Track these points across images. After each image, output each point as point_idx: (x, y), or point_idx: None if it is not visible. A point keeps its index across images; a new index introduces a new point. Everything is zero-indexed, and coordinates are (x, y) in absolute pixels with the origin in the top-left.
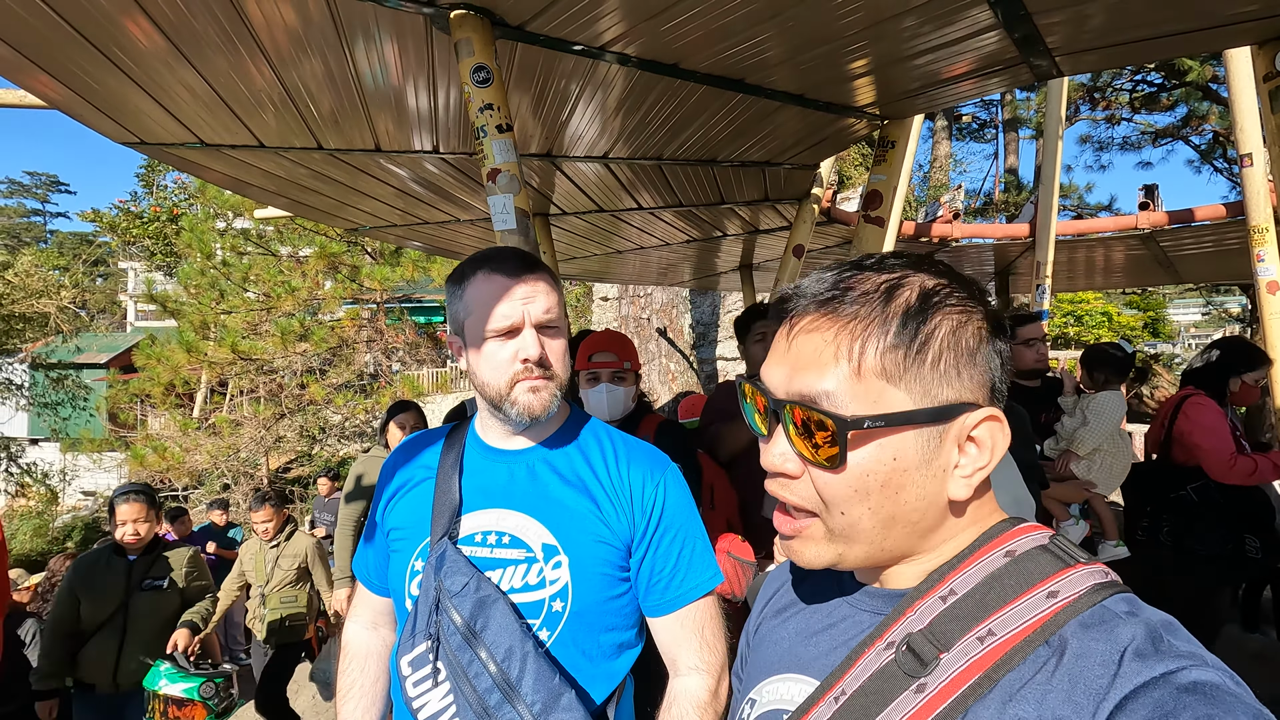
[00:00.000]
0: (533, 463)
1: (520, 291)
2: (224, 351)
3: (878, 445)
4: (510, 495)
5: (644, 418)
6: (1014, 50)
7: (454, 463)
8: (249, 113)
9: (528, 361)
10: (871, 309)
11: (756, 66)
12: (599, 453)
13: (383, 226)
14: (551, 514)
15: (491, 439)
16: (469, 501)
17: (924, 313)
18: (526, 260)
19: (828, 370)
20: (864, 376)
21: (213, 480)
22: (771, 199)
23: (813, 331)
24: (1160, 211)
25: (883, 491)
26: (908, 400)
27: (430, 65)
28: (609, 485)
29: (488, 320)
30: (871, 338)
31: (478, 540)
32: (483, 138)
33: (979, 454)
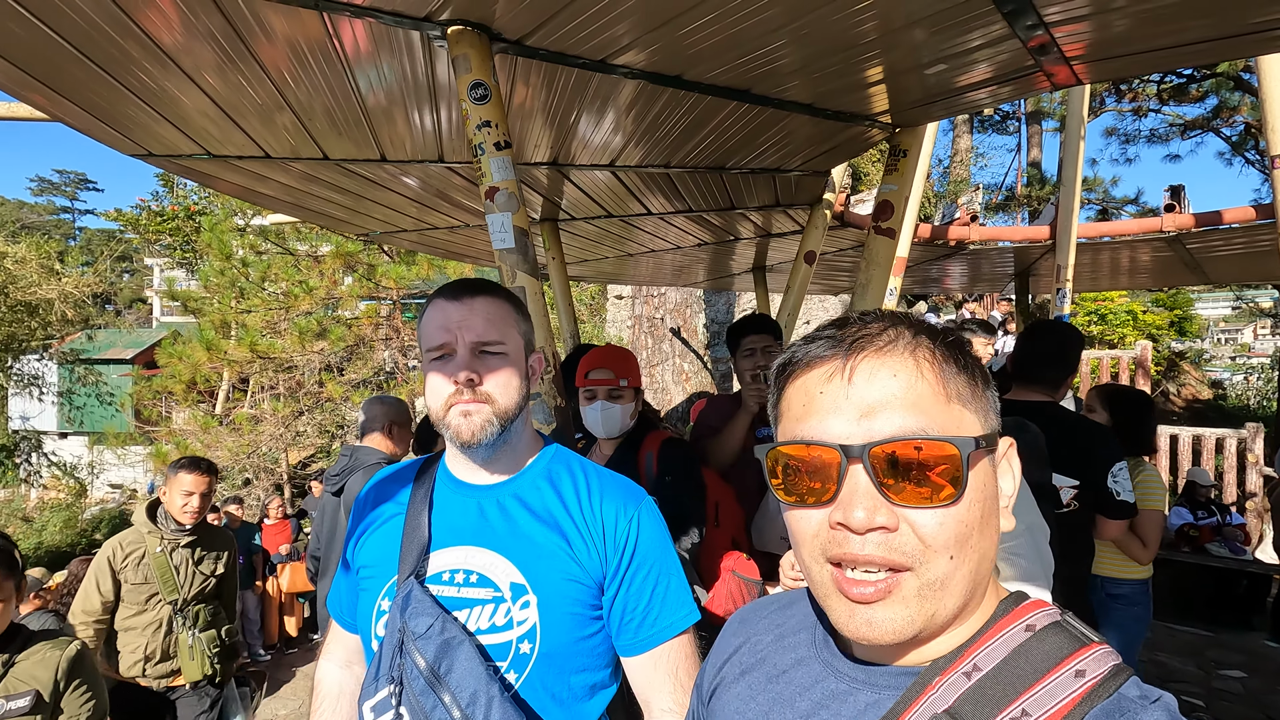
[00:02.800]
0: (503, 498)
1: (456, 313)
2: (243, 350)
3: (977, 471)
4: (479, 532)
5: (647, 434)
6: (1029, 59)
7: (424, 498)
8: (253, 125)
9: (457, 382)
10: (927, 339)
11: (765, 76)
12: (571, 486)
13: (394, 232)
14: (520, 552)
15: (461, 473)
16: (438, 538)
17: (963, 343)
18: (474, 285)
19: (913, 401)
20: (950, 401)
21: (234, 476)
22: (783, 204)
23: (876, 368)
24: (1186, 214)
25: (982, 526)
26: (978, 424)
27: (430, 79)
28: (580, 520)
29: (427, 340)
30: (943, 363)
31: (445, 579)
32: (480, 155)
33: (1009, 482)
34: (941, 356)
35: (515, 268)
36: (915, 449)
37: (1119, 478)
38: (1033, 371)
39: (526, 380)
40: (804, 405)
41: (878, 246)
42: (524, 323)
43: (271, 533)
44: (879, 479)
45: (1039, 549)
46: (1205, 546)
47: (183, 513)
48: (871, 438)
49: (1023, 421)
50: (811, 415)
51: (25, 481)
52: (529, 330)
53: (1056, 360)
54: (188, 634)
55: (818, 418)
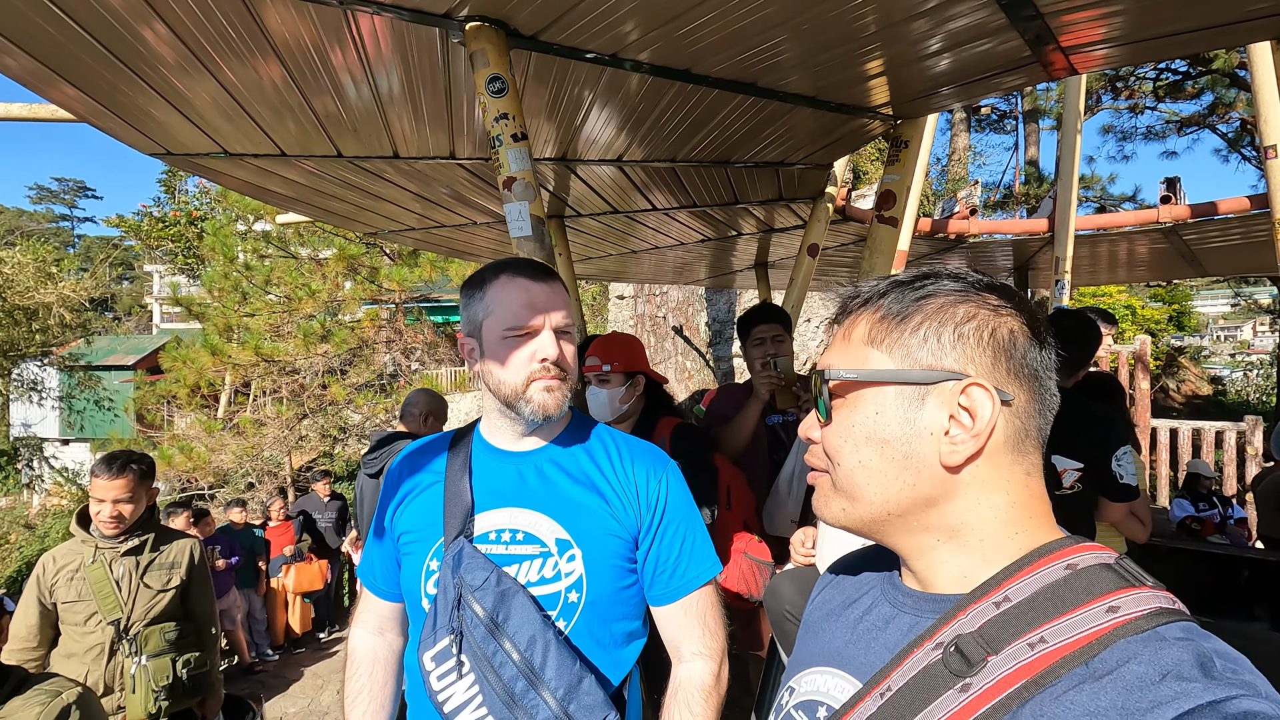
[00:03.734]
0: (541, 463)
1: (542, 295)
2: (247, 354)
3: (859, 398)
4: (521, 494)
5: (660, 419)
6: (1027, 50)
7: (462, 466)
8: (269, 122)
9: (545, 361)
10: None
11: (769, 69)
12: (604, 452)
13: (400, 230)
14: (563, 510)
15: (499, 441)
16: (480, 502)
17: (918, 287)
18: (546, 269)
19: (837, 345)
20: (852, 342)
21: (237, 479)
22: (786, 198)
23: (848, 322)
24: (1182, 204)
25: (869, 444)
26: (887, 362)
27: (446, 74)
28: (615, 481)
29: (509, 320)
30: (859, 313)
31: (492, 538)
32: (498, 147)
33: (970, 423)
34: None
35: (533, 255)
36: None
37: (1123, 461)
38: None
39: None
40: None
41: (880, 235)
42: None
43: (275, 534)
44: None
45: None
46: (1208, 540)
47: (101, 523)
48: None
49: None
50: None
51: (28, 487)
52: None
53: (1077, 340)
54: (132, 661)
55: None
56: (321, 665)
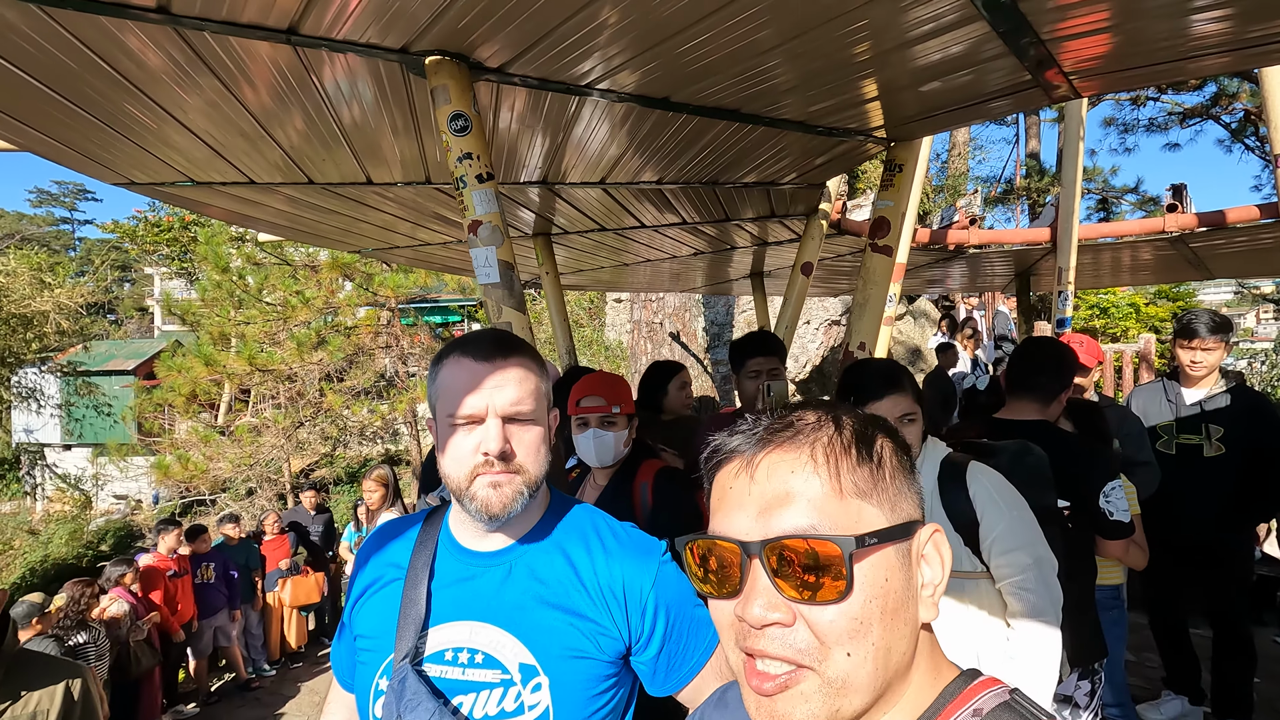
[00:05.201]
0: (510, 566)
1: (488, 378)
2: (241, 363)
3: (874, 567)
4: (484, 606)
5: (643, 462)
6: (1027, 75)
7: (425, 563)
8: (234, 153)
9: (488, 455)
10: (828, 432)
11: (756, 96)
12: (584, 550)
13: (386, 249)
14: (530, 628)
15: (465, 537)
16: (439, 611)
17: (871, 434)
18: (502, 344)
19: (808, 497)
20: (845, 496)
21: (237, 486)
22: (778, 215)
23: (776, 465)
24: (1189, 214)
25: (883, 621)
26: (881, 516)
27: (411, 107)
28: (596, 590)
29: (452, 406)
30: (840, 458)
31: (448, 658)
32: (463, 189)
33: (935, 570)
34: (840, 449)
35: (501, 303)
36: (804, 546)
37: (1111, 498)
38: (1028, 380)
39: (549, 443)
40: (718, 499)
41: (875, 265)
42: (546, 381)
43: (270, 548)
44: (774, 575)
45: (1047, 582)
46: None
47: None
48: (767, 534)
49: (1026, 445)
50: (720, 510)
51: (29, 494)
52: (549, 388)
53: (1052, 369)
54: None
55: (724, 513)
56: (319, 680)
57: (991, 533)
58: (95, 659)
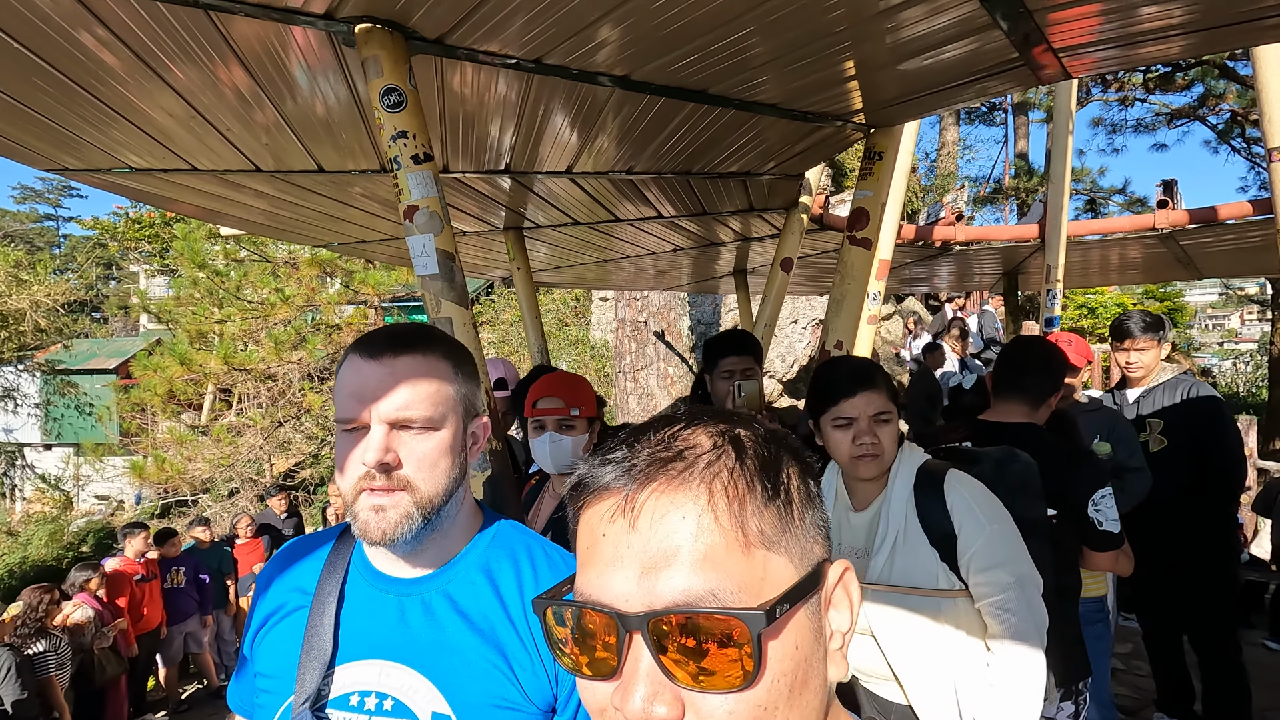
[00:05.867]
0: (430, 597)
1: (373, 377)
2: (217, 362)
3: (784, 638)
4: (398, 643)
5: None
6: (1014, 51)
7: (333, 589)
8: (169, 137)
9: (368, 467)
10: (727, 461)
11: (723, 75)
12: (515, 583)
13: (351, 243)
14: (447, 671)
15: (380, 561)
16: (346, 648)
17: (776, 458)
18: (399, 339)
19: (703, 553)
20: (749, 548)
21: (219, 487)
22: (757, 209)
23: (664, 507)
24: (1180, 210)
25: (791, 700)
26: (789, 567)
27: (350, 85)
28: (525, 630)
29: (339, 409)
30: (743, 497)
31: (353, 704)
32: (397, 170)
33: (844, 616)
34: (744, 486)
35: (440, 296)
36: (699, 623)
37: (1100, 506)
38: (1015, 381)
39: (464, 455)
40: (587, 548)
41: (853, 258)
42: (465, 383)
43: (243, 552)
44: (659, 656)
45: (1030, 603)
46: None
47: None
48: (652, 604)
49: (1012, 451)
50: (592, 564)
51: (7, 495)
52: (472, 391)
53: (1041, 369)
54: None
55: (598, 569)
56: None
57: (970, 548)
58: (55, 668)
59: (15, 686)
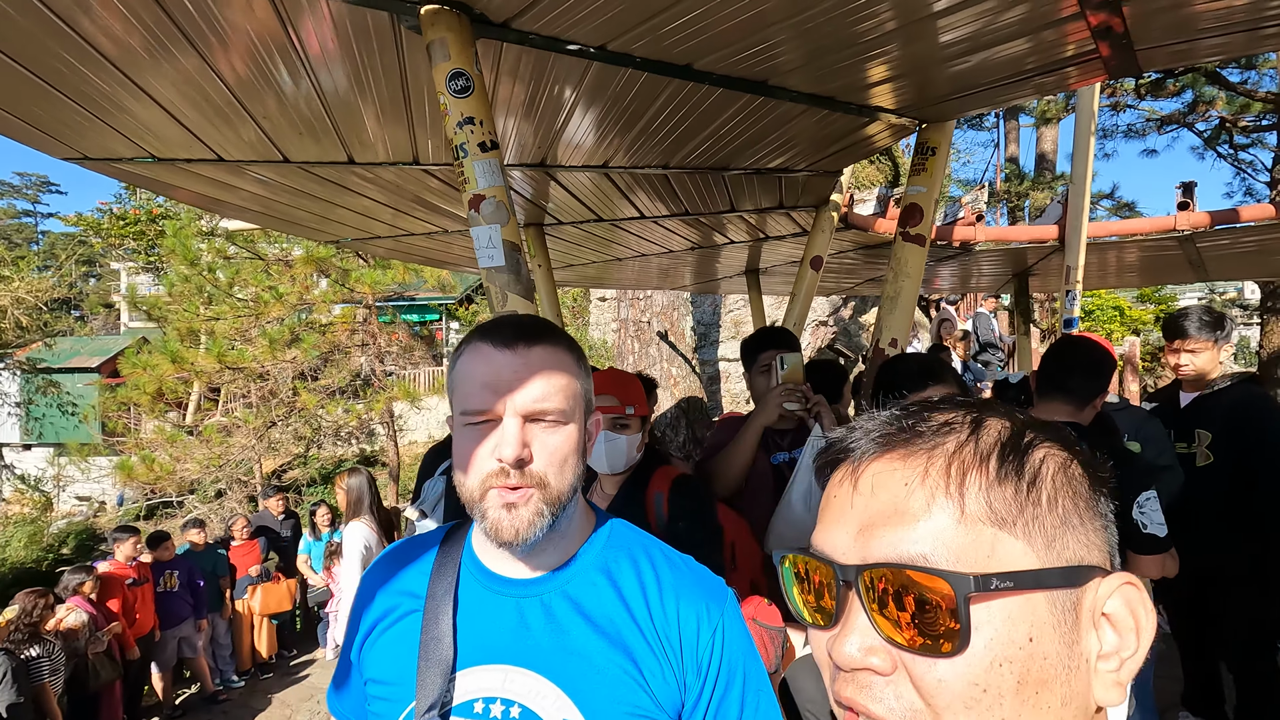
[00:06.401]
0: (550, 599)
1: (507, 367)
2: (210, 361)
3: (1008, 619)
4: (521, 647)
5: (657, 469)
6: (1092, 43)
7: (446, 593)
8: (201, 126)
9: (502, 461)
10: (959, 438)
11: (779, 67)
12: (637, 584)
13: (366, 239)
14: (576, 676)
15: (493, 561)
16: (466, 653)
17: (1023, 445)
18: (529, 329)
19: (921, 519)
20: (969, 522)
21: (206, 488)
22: (786, 206)
23: (887, 475)
24: (1202, 212)
25: (1020, 695)
26: (1029, 554)
27: (402, 70)
28: (651, 632)
29: (465, 400)
30: (970, 472)
31: (478, 711)
32: (463, 158)
33: (1122, 639)
34: (974, 460)
35: (506, 289)
36: (907, 580)
37: (1146, 509)
38: (1062, 381)
39: (585, 453)
40: (823, 508)
41: (907, 255)
42: (585, 378)
43: (239, 554)
44: (871, 608)
45: None
46: None
47: None
48: (867, 558)
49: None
50: (821, 523)
51: None
52: (589, 386)
53: (1089, 370)
54: None
55: (824, 526)
56: (290, 692)
57: None
58: (49, 674)
59: (11, 692)
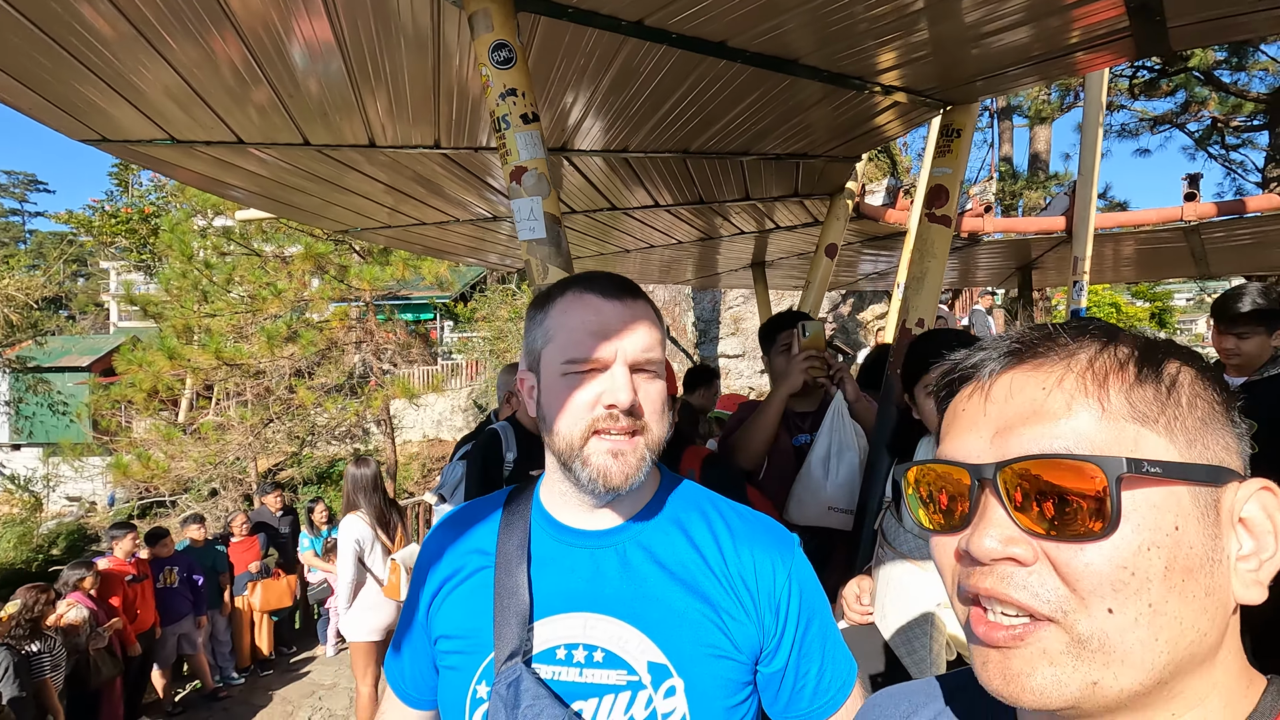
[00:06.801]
0: (625, 548)
1: (616, 318)
2: (207, 357)
3: (1153, 507)
4: (599, 594)
5: (685, 450)
6: (1126, 20)
7: (519, 547)
8: (225, 106)
9: (613, 408)
10: (1094, 349)
11: (809, 46)
12: (708, 532)
13: (373, 228)
14: (657, 621)
15: (565, 514)
16: (543, 603)
17: (1162, 355)
18: (628, 283)
19: (1061, 417)
20: (1111, 418)
21: (200, 487)
22: (801, 194)
23: (1023, 381)
24: (1209, 202)
25: (1168, 580)
26: (1171, 450)
27: (436, 44)
28: (725, 579)
29: (571, 349)
30: (1110, 373)
31: (560, 657)
32: (505, 129)
33: (1260, 541)
34: (1113, 365)
35: (547, 261)
36: (1054, 469)
37: None
38: None
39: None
40: (948, 425)
41: (933, 236)
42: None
43: (239, 550)
44: (1011, 503)
45: None
46: None
47: None
48: (1005, 455)
49: None
50: (950, 434)
51: None
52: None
53: None
54: None
55: (954, 436)
56: (290, 689)
57: None
58: (50, 669)
59: (13, 686)
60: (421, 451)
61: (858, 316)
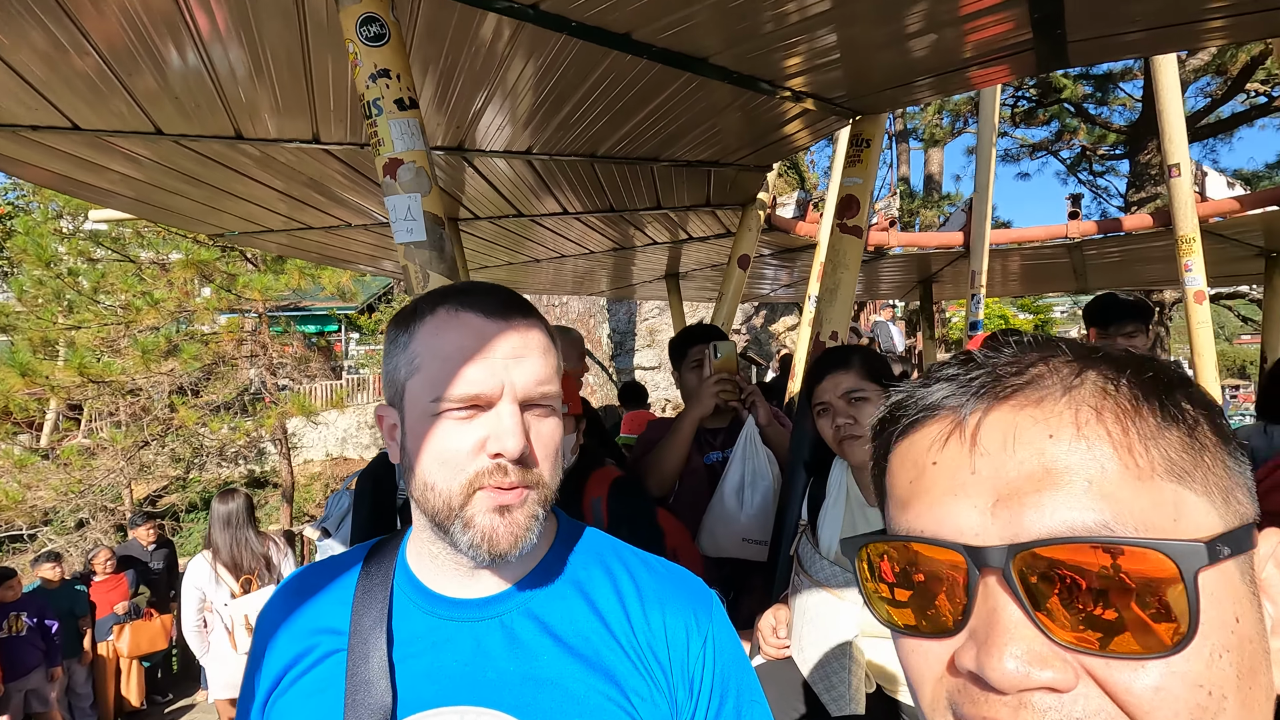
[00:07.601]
0: (511, 620)
1: (502, 344)
2: (70, 374)
3: (1213, 597)
4: (480, 681)
5: (592, 474)
6: (1029, 32)
7: (376, 623)
8: (51, 86)
9: (500, 458)
10: (1096, 378)
11: (717, 44)
12: (613, 594)
13: (258, 232)
14: (549, 710)
15: (437, 580)
16: (409, 697)
17: (1172, 383)
18: (515, 299)
19: (1087, 477)
20: (1146, 477)
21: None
22: (714, 204)
23: (1016, 426)
24: (1090, 221)
25: (1239, 692)
26: (1212, 512)
27: (302, 23)
28: (634, 650)
29: (444, 383)
30: (1133, 415)
31: None
32: (376, 116)
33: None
34: (1129, 403)
35: (427, 268)
36: (1100, 558)
37: None
38: None
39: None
40: (911, 482)
41: (845, 246)
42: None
43: (103, 590)
44: (1034, 605)
45: None
46: None
47: None
48: (1019, 536)
49: None
50: (921, 497)
51: None
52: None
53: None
54: None
55: (929, 501)
56: None
57: None
58: None
59: None
60: (325, 471)
61: (770, 328)
